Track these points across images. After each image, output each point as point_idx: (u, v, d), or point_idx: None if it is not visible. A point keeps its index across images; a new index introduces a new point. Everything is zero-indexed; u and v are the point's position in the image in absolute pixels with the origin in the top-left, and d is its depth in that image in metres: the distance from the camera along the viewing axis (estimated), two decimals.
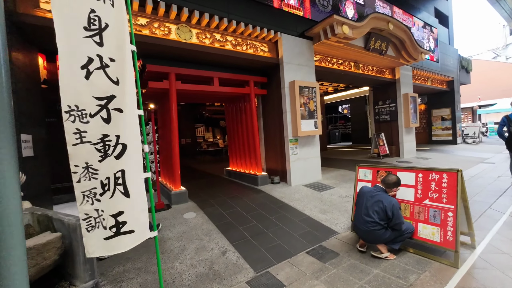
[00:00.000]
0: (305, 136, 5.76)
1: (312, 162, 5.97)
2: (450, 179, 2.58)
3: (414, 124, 9.05)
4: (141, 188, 1.67)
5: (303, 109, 5.55)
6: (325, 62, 6.77)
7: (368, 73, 8.04)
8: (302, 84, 5.53)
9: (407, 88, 9.13)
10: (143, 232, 1.66)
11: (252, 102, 5.69)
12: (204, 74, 4.97)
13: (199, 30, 4.57)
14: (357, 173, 3.57)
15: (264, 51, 5.48)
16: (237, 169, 6.69)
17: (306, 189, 5.33)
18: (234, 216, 3.96)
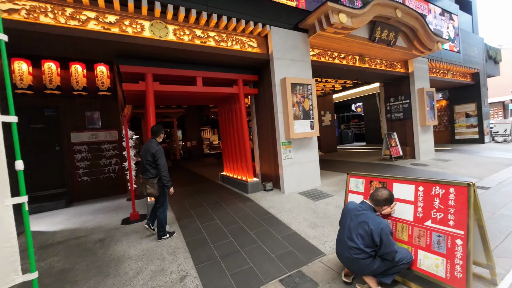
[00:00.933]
0: (299, 138, 5.22)
1: (309, 167, 5.40)
2: (458, 196, 1.97)
3: (432, 122, 8.12)
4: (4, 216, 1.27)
5: (296, 108, 5.02)
6: (325, 56, 6.17)
7: (376, 67, 7.29)
8: (295, 81, 5.00)
9: (422, 83, 8.22)
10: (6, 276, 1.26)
11: (241, 102, 5.25)
12: (186, 73, 4.61)
13: (176, 26, 4.22)
14: (348, 182, 3.01)
15: (253, 47, 5.03)
16: (230, 174, 6.28)
17: (300, 197, 4.79)
18: (210, 230, 3.54)
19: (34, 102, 5.34)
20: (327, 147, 12.44)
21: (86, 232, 3.62)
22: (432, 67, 9.09)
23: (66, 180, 5.59)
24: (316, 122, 5.29)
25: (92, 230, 3.69)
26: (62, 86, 5.39)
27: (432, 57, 8.54)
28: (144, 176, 3.24)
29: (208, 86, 5.01)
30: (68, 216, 4.52)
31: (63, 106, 5.61)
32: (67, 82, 5.45)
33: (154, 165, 3.23)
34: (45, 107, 5.51)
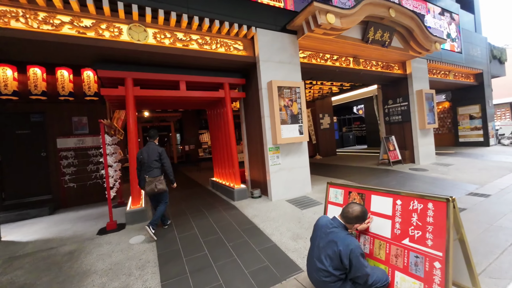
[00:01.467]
0: (288, 143, 5.03)
1: (299, 173, 5.19)
2: (437, 212, 1.76)
3: (432, 125, 7.82)
4: None
5: (283, 112, 4.84)
6: (316, 58, 5.99)
7: (371, 69, 7.06)
8: (282, 84, 4.83)
9: (421, 84, 7.95)
10: None
11: (227, 106, 5.10)
12: (168, 78, 4.49)
13: (156, 29, 4.11)
14: (327, 193, 2.82)
15: (239, 49, 4.89)
16: (220, 180, 6.11)
17: (287, 205, 4.59)
18: (186, 241, 3.37)
19: (19, 107, 5.30)
20: (326, 151, 12.18)
21: (58, 243, 3.49)
22: (432, 68, 8.80)
23: (52, 187, 5.51)
24: (305, 126, 5.09)
25: (65, 241, 3.56)
26: (48, 92, 5.33)
27: (431, 57, 8.26)
28: (150, 175, 3.62)
29: (193, 90, 4.89)
30: (48, 224, 4.42)
31: (49, 112, 5.56)
32: (54, 87, 5.40)
33: (160, 164, 3.71)
34: (31, 113, 5.46)
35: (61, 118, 5.66)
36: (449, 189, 5.14)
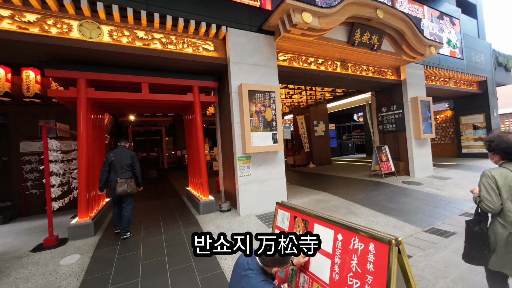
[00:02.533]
0: (261, 152, 4.59)
1: (272, 186, 4.74)
2: (378, 258, 1.29)
3: (428, 135, 7.27)
4: None
5: (255, 119, 4.43)
6: (298, 61, 5.59)
7: (361, 74, 6.62)
8: (254, 88, 4.43)
9: (417, 91, 7.44)
10: None
11: (196, 111, 4.72)
12: (128, 79, 4.15)
13: (113, 26, 3.79)
14: (276, 215, 2.36)
15: (209, 50, 4.53)
16: (192, 190, 5.69)
17: (256, 221, 4.12)
18: (124, 264, 2.94)
19: None
20: (320, 160, 11.65)
21: None
22: (430, 74, 8.29)
23: (12, 193, 5.19)
24: (280, 134, 4.66)
25: None
26: (13, 93, 5.08)
27: (428, 63, 7.77)
28: (122, 177, 3.70)
29: (160, 93, 4.53)
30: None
31: (14, 114, 5.29)
32: (19, 88, 5.14)
33: (131, 167, 3.82)
34: None
35: (27, 121, 5.39)
36: (441, 207, 4.58)
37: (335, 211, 4.51)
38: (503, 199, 1.61)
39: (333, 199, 5.24)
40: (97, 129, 4.66)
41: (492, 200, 1.62)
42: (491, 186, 1.65)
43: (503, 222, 1.60)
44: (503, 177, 1.63)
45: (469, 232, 1.79)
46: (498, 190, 1.63)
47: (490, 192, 1.64)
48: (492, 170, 1.72)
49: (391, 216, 4.19)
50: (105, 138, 8.67)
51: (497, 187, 1.64)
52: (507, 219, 1.59)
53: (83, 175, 3.74)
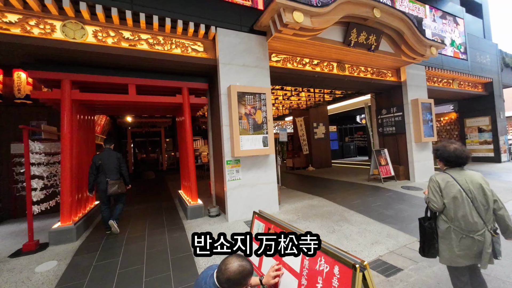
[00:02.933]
0: (251, 156, 4.46)
1: (263, 190, 4.59)
2: (342, 282, 1.14)
3: (429, 138, 7.02)
4: None
5: (244, 121, 4.30)
6: (292, 62, 5.44)
7: (359, 75, 6.43)
8: (243, 89, 4.31)
9: (418, 92, 7.21)
10: None
11: (185, 113, 4.61)
12: (115, 80, 4.07)
13: (98, 27, 3.72)
14: (252, 224, 2.22)
15: (198, 51, 4.43)
16: (183, 193, 5.59)
17: (243, 227, 3.98)
18: (100, 272, 2.82)
19: None
20: (320, 162, 11.45)
21: None
22: (432, 76, 8.04)
23: (2, 195, 5.16)
24: (271, 137, 4.51)
25: None
26: (4, 95, 5.05)
27: (430, 64, 7.53)
28: (112, 178, 3.96)
29: (149, 95, 4.45)
30: None
31: (5, 116, 5.27)
32: (11, 90, 5.12)
33: (119, 169, 4.06)
34: None
35: (18, 122, 5.33)
36: None
37: (327, 217, 4.34)
38: (448, 202, 1.83)
39: (327, 205, 5.06)
40: (85, 131, 4.59)
41: (436, 201, 1.86)
42: (435, 189, 1.89)
43: (445, 218, 1.88)
44: (445, 182, 1.87)
45: (421, 228, 2.01)
46: (441, 192, 1.86)
47: (435, 194, 1.88)
48: (437, 175, 1.96)
49: (386, 224, 3.99)
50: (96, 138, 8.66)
51: (440, 190, 1.87)
52: (448, 216, 1.86)
53: (67, 177, 3.66)
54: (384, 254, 3.12)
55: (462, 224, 1.77)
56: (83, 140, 4.50)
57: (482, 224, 1.75)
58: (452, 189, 1.81)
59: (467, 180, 1.82)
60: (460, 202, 1.78)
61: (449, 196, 1.82)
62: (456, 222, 1.80)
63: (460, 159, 1.90)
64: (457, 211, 1.79)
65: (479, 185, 1.80)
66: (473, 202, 1.77)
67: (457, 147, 1.92)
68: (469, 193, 1.78)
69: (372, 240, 3.48)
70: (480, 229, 1.74)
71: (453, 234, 1.81)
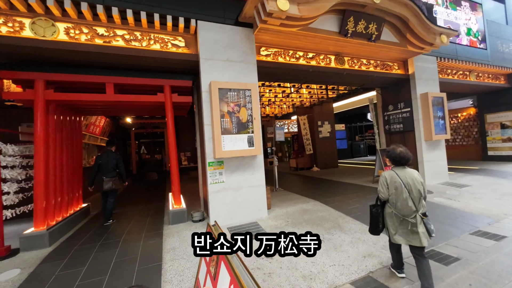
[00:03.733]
0: (236, 157, 4.15)
1: (250, 194, 4.27)
2: None
3: (441, 136, 6.39)
4: None
5: (227, 120, 4.00)
6: (284, 56, 5.08)
7: (360, 69, 5.94)
8: (226, 85, 4.01)
9: (428, 86, 6.59)
10: None
11: (167, 113, 4.39)
12: (90, 79, 3.91)
13: (70, 24, 3.56)
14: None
15: (179, 46, 4.19)
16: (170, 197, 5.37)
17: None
18: (56, 285, 2.62)
19: None
20: (325, 163, 10.94)
21: None
22: (445, 67, 7.35)
23: None
24: (258, 137, 4.18)
25: None
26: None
27: (443, 54, 6.86)
28: (107, 176, 4.44)
29: (130, 94, 4.26)
30: None
31: None
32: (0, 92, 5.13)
33: (116, 168, 4.54)
34: None
35: (8, 125, 5.37)
36: (448, 222, 3.85)
37: (319, 224, 3.95)
38: (391, 193, 2.32)
39: (322, 209, 4.65)
40: (68, 132, 4.48)
41: (384, 192, 2.37)
42: (384, 183, 2.38)
43: (389, 205, 2.37)
44: (390, 176, 2.35)
45: (370, 213, 2.50)
46: (387, 185, 2.34)
47: (383, 187, 2.37)
48: (386, 172, 2.42)
49: (384, 232, 3.55)
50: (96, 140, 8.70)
51: (387, 183, 2.35)
52: (391, 203, 2.35)
53: (40, 181, 3.53)
54: (376, 270, 2.71)
55: (401, 209, 2.27)
56: (66, 141, 4.39)
57: (415, 210, 2.23)
58: (395, 182, 2.30)
59: (407, 176, 2.29)
60: (400, 192, 2.27)
61: (392, 188, 2.31)
62: (397, 208, 2.30)
63: (403, 160, 2.34)
64: (398, 199, 2.28)
65: (415, 180, 2.26)
66: (409, 193, 2.24)
67: (402, 150, 2.36)
68: (407, 186, 2.25)
69: (365, 252, 3.07)
70: (413, 214, 2.23)
71: (394, 217, 2.34)
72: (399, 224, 2.30)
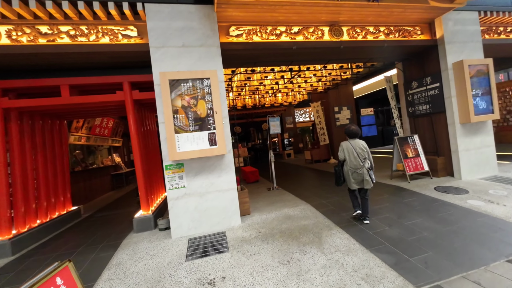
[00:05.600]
0: (199, 158, 3.61)
1: (219, 200, 3.70)
2: None
3: (484, 116, 4.85)
4: None
5: (182, 116, 3.44)
6: (261, 33, 4.25)
7: (365, 39, 4.75)
8: (177, 76, 3.43)
9: (465, 52, 5.03)
10: None
11: (129, 112, 4.02)
12: (44, 83, 3.73)
13: (11, 25, 3.36)
14: None
15: (130, 37, 3.73)
16: None
17: (181, 249, 3.22)
18: None
19: None
20: None
21: None
22: (495, 24, 5.56)
23: None
24: (221, 133, 3.54)
25: None
26: None
27: (488, 7, 5.14)
28: None
29: (90, 94, 4.01)
30: None
31: None
32: None
33: None
34: None
35: None
36: (479, 239, 2.73)
37: (296, 237, 3.21)
38: (346, 155, 3.43)
39: (309, 216, 3.85)
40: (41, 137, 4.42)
41: (342, 155, 3.48)
42: (342, 149, 3.49)
43: (346, 164, 3.45)
44: (346, 145, 3.47)
45: (335, 171, 3.57)
46: (344, 151, 3.46)
47: (341, 152, 3.49)
48: (343, 142, 3.53)
49: (376, 253, 2.66)
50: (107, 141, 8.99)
51: (343, 149, 3.46)
52: (348, 164, 3.41)
53: (1, 190, 3.51)
54: None
55: (352, 165, 3.39)
56: (42, 146, 4.38)
57: (361, 165, 3.34)
58: (347, 149, 3.44)
59: (356, 144, 3.40)
60: (351, 154, 3.39)
61: (347, 152, 3.43)
62: (350, 165, 3.40)
63: (353, 134, 3.46)
64: (350, 159, 3.40)
65: (361, 146, 3.39)
66: (357, 154, 3.36)
67: (354, 128, 3.49)
68: (356, 150, 3.37)
69: (337, 283, 2.27)
70: (360, 168, 3.34)
71: (349, 172, 3.41)
72: (353, 175, 3.39)
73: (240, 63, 4.83)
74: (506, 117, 9.17)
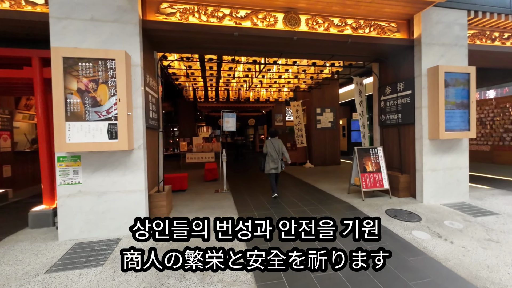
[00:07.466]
0: (99, 152, 3.12)
1: (122, 202, 3.22)
2: None
3: (457, 132, 4.18)
4: None
5: (77, 101, 2.93)
6: (199, 14, 3.66)
7: (327, 31, 4.10)
8: (73, 53, 2.90)
9: (446, 57, 4.33)
10: None
11: (37, 92, 3.53)
12: None
13: None
14: None
15: (36, 4, 3.22)
16: None
17: (60, 255, 2.77)
18: None
19: None
20: (323, 158, 9.11)
21: None
22: (487, 27, 4.80)
23: None
24: (123, 125, 3.02)
25: None
26: None
27: (481, 6, 4.40)
28: None
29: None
30: None
31: None
32: None
33: None
34: None
35: None
36: None
37: None
38: (269, 149, 4.77)
39: None
40: None
41: (266, 149, 4.83)
42: (266, 145, 4.84)
43: (268, 155, 4.79)
44: (269, 142, 4.83)
45: (259, 161, 4.98)
46: (267, 146, 4.80)
47: (265, 147, 4.85)
48: (267, 140, 4.88)
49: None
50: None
51: (267, 145, 4.81)
52: (268, 154, 4.79)
53: None
54: None
55: (272, 157, 4.72)
56: None
57: (277, 157, 4.72)
58: (269, 145, 4.76)
59: (275, 142, 4.77)
60: (271, 148, 4.73)
61: (269, 147, 4.74)
62: (270, 157, 4.73)
63: (273, 134, 4.88)
64: (271, 152, 4.72)
65: (278, 144, 4.76)
66: (275, 149, 4.71)
67: (273, 129, 4.98)
68: (275, 146, 4.73)
69: None
70: (276, 159, 4.72)
71: (270, 160, 4.74)
72: (272, 163, 4.75)
73: (174, 47, 4.24)
74: (503, 136, 8.35)
